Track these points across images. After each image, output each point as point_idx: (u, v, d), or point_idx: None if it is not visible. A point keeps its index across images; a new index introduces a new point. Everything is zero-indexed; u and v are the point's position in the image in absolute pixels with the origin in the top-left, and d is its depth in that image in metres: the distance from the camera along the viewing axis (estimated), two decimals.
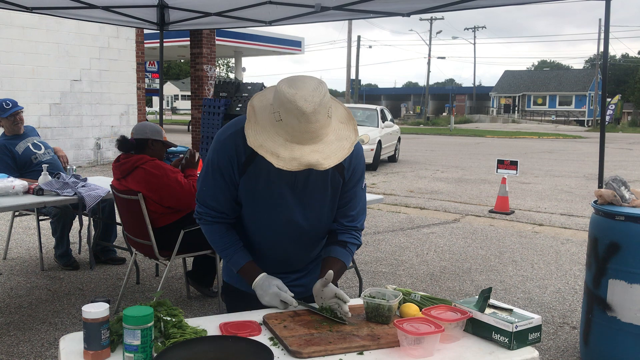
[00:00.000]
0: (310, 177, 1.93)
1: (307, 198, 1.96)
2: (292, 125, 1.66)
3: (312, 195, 1.96)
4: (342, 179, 1.98)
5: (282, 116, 1.67)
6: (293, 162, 1.65)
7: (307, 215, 1.98)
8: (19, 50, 11.63)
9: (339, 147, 1.73)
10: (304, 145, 1.67)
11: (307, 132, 1.66)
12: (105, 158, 13.37)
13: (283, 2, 4.92)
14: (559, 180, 12.18)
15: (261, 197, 1.93)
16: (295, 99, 1.65)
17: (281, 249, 2.04)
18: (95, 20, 5.71)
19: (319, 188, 1.96)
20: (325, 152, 1.69)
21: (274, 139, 1.69)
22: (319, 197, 1.97)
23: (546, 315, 4.22)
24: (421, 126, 42.06)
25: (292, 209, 1.95)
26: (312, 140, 1.68)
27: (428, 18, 49.60)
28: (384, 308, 1.77)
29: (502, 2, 4.47)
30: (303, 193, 1.95)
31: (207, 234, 2.03)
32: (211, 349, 1.50)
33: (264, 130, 1.71)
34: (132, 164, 3.83)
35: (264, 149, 1.68)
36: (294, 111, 1.65)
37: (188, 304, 4.30)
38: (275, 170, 1.79)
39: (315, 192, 1.96)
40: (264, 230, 2.01)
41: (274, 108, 1.70)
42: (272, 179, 1.90)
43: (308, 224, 2.00)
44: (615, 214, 3.10)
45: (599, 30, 41.27)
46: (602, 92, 4.31)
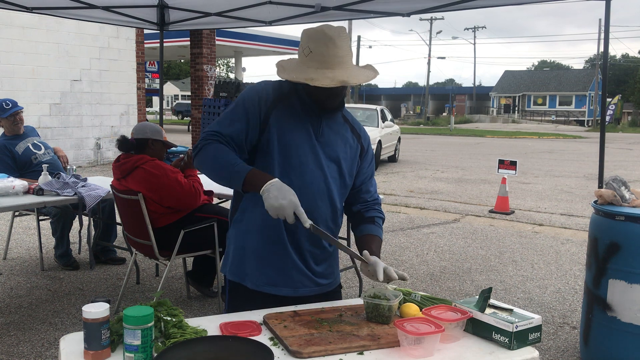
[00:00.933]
0: (331, 128, 2.02)
1: (327, 149, 2.00)
2: (321, 52, 1.85)
3: (331, 147, 2.01)
4: (361, 148, 2.10)
5: (311, 48, 1.87)
6: (326, 79, 1.81)
7: (329, 166, 1.99)
8: (19, 50, 11.63)
9: (364, 73, 1.93)
10: (334, 69, 1.85)
11: (335, 56, 1.85)
12: (105, 158, 13.37)
13: (283, 2, 4.92)
14: (559, 180, 12.18)
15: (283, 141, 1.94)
16: (322, 28, 1.89)
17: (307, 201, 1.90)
18: (95, 20, 5.71)
19: (337, 142, 2.02)
20: (352, 73, 1.88)
21: (305, 71, 1.86)
22: (339, 151, 2.02)
23: (546, 315, 4.22)
24: (421, 126, 42.06)
25: (316, 157, 1.97)
26: (340, 64, 1.86)
27: (428, 18, 49.64)
28: (384, 308, 1.76)
29: (502, 2, 4.47)
30: (324, 145, 1.99)
31: (206, 152, 1.88)
32: (211, 349, 1.50)
33: (294, 70, 1.89)
34: (133, 164, 3.83)
35: (298, 77, 1.85)
36: (322, 38, 1.86)
37: (188, 304, 4.30)
38: (301, 114, 1.96)
39: (337, 147, 2.02)
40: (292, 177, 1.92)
41: (302, 47, 1.90)
42: (295, 124, 1.96)
43: (330, 178, 1.99)
44: (615, 214, 3.10)
45: (599, 30, 41.27)
46: (602, 92, 4.31)
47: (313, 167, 1.96)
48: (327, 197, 2.00)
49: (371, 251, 1.99)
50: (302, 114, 1.98)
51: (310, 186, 1.95)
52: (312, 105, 1.97)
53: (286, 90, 2.00)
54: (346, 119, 2.10)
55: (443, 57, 57.66)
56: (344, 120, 2.09)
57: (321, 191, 1.97)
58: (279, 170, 1.93)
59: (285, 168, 1.93)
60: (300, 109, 1.98)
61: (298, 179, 1.92)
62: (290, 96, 1.99)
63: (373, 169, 2.18)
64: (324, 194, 1.98)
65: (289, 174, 1.92)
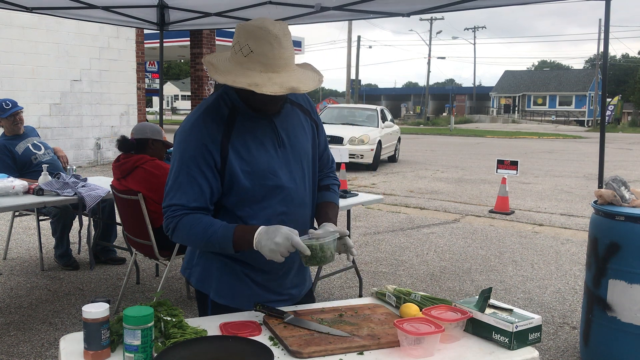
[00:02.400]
0: (292, 131, 1.88)
1: (296, 155, 1.88)
2: (265, 53, 1.65)
3: (300, 150, 1.89)
4: (315, 125, 1.99)
5: (252, 47, 1.66)
6: (274, 86, 1.63)
7: (300, 168, 1.89)
8: (19, 50, 11.63)
9: (310, 76, 1.75)
10: (279, 73, 1.66)
11: (280, 58, 1.67)
12: (105, 158, 13.37)
13: (283, 2, 4.93)
14: (559, 180, 12.18)
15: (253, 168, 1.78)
16: (265, 25, 1.67)
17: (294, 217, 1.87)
18: (95, 20, 5.71)
19: (298, 137, 1.90)
20: (300, 78, 1.70)
21: (246, 74, 1.65)
22: (303, 146, 1.91)
23: (546, 315, 4.22)
24: (421, 126, 42.06)
25: (284, 173, 1.84)
26: (285, 67, 1.68)
27: (428, 18, 49.63)
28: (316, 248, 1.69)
29: (502, 2, 4.47)
30: (290, 151, 1.86)
31: (180, 231, 1.77)
32: (211, 349, 1.50)
33: (231, 72, 1.68)
34: (133, 164, 3.83)
35: (239, 82, 1.64)
36: (266, 36, 1.65)
37: (188, 304, 4.30)
38: (257, 133, 1.80)
39: (303, 144, 1.90)
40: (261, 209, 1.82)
41: (240, 45, 1.69)
42: (257, 148, 1.79)
43: (305, 180, 1.91)
44: (615, 214, 3.10)
45: (599, 30, 41.27)
46: (602, 92, 4.31)
47: (287, 180, 1.84)
48: (308, 202, 1.94)
49: (327, 217, 1.95)
50: (256, 133, 1.80)
51: (292, 202, 1.87)
52: (260, 115, 1.81)
53: (225, 112, 1.79)
54: (292, 102, 1.92)
55: (443, 57, 57.69)
56: (291, 104, 1.92)
57: (301, 200, 1.90)
58: (256, 201, 1.81)
59: (262, 196, 1.81)
60: (251, 126, 1.79)
61: (278, 201, 1.83)
62: (234, 118, 1.79)
63: (325, 137, 2.06)
64: (305, 200, 1.92)
65: (268, 200, 1.82)
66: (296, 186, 1.87)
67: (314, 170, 1.99)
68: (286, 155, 1.86)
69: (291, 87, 1.64)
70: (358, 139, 13.07)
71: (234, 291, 1.91)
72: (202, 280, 1.95)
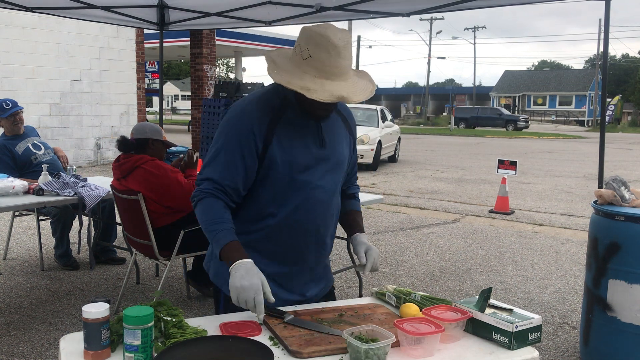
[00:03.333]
0: (334, 136, 1.92)
1: (335, 158, 1.92)
2: (322, 60, 1.69)
3: (340, 154, 1.94)
4: (352, 138, 2.04)
5: (311, 52, 1.70)
6: (325, 93, 1.66)
7: (335, 179, 1.93)
8: (19, 50, 11.63)
9: (364, 88, 1.77)
10: (333, 81, 1.70)
11: (337, 67, 1.70)
12: (105, 158, 13.37)
13: (283, 2, 4.92)
14: (559, 180, 12.18)
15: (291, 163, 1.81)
16: (327, 33, 1.70)
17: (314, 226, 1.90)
18: (95, 20, 5.71)
19: (344, 146, 1.97)
20: (352, 88, 1.72)
21: (301, 77, 1.70)
22: (345, 156, 1.97)
23: (546, 315, 4.22)
24: (421, 126, 42.04)
25: (322, 173, 1.88)
26: (340, 76, 1.71)
27: (428, 18, 49.61)
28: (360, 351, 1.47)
29: (502, 2, 4.47)
30: (330, 154, 1.90)
31: (199, 209, 1.81)
32: (211, 349, 1.50)
33: (288, 72, 1.72)
34: (132, 164, 3.83)
35: (293, 84, 1.68)
36: (325, 45, 1.68)
37: (188, 304, 4.30)
38: (300, 129, 1.84)
39: (342, 150, 1.96)
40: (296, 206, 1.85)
41: (300, 47, 1.73)
42: (299, 143, 1.83)
43: (336, 189, 1.96)
44: (615, 214, 3.10)
45: (599, 30, 41.26)
46: (602, 92, 4.31)
47: (320, 182, 1.87)
48: (333, 205, 1.96)
49: (357, 225, 2.04)
50: (301, 128, 1.85)
51: (320, 204, 1.89)
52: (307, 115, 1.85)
53: (277, 105, 1.84)
54: (337, 110, 1.99)
55: (443, 57, 57.70)
56: (336, 112, 1.98)
57: (327, 201, 1.92)
58: (284, 197, 1.84)
59: (291, 193, 1.84)
60: (298, 122, 1.84)
61: (305, 201, 1.86)
62: (284, 110, 1.84)
63: (356, 151, 2.11)
64: (330, 202, 1.94)
65: (297, 194, 1.84)
66: (325, 187, 1.90)
67: (341, 178, 2.02)
68: (325, 156, 1.90)
69: (341, 96, 1.67)
70: (358, 139, 13.05)
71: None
72: (217, 274, 1.98)
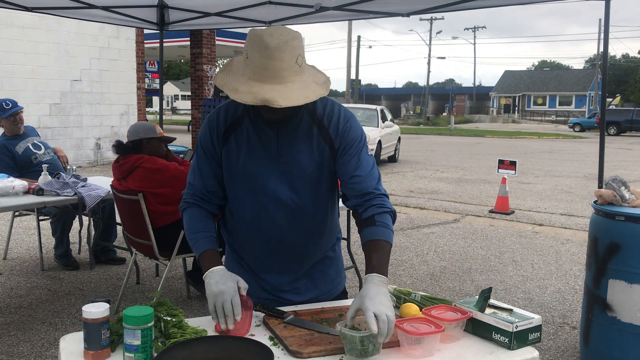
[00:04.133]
0: (294, 146, 1.82)
1: (293, 169, 1.82)
2: (254, 61, 1.64)
3: (298, 166, 1.82)
4: (332, 150, 1.82)
5: (248, 54, 1.67)
6: (248, 96, 1.60)
7: (297, 190, 1.83)
8: (19, 50, 11.63)
9: (301, 95, 1.63)
10: (264, 83, 1.62)
11: (267, 69, 1.62)
12: (105, 158, 13.37)
13: (283, 2, 4.92)
14: (559, 180, 12.18)
15: (243, 171, 1.84)
16: (261, 33, 1.65)
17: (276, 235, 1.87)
18: (95, 20, 5.71)
19: (305, 158, 1.82)
20: (284, 92, 1.61)
21: (237, 78, 1.67)
22: (308, 169, 1.83)
23: (546, 315, 4.22)
24: (421, 126, 42.04)
25: (276, 184, 1.82)
26: (274, 79, 1.62)
27: (428, 18, 49.63)
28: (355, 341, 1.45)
29: (502, 2, 4.47)
30: (287, 164, 1.82)
31: (184, 219, 1.91)
32: (211, 349, 1.50)
33: (231, 73, 1.71)
34: (132, 164, 3.83)
35: (227, 86, 1.67)
36: (258, 45, 1.63)
37: (188, 304, 4.30)
38: (255, 138, 1.82)
39: (302, 162, 1.82)
40: (253, 215, 1.87)
41: (244, 50, 1.71)
42: (254, 148, 1.83)
43: (300, 202, 1.84)
44: (615, 214, 3.10)
45: (599, 30, 41.26)
46: (602, 92, 4.31)
47: (276, 194, 1.83)
48: (311, 225, 1.90)
49: (370, 263, 1.67)
50: (257, 136, 1.82)
51: (280, 217, 1.86)
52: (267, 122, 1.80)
53: (239, 112, 1.85)
54: (315, 118, 1.83)
55: (443, 57, 57.74)
56: (311, 120, 1.83)
57: (293, 219, 1.87)
58: (243, 205, 1.87)
59: (249, 201, 1.86)
60: (256, 130, 1.82)
61: (262, 210, 1.86)
62: (243, 118, 1.84)
63: (362, 158, 1.83)
64: (301, 221, 1.88)
65: (255, 207, 1.85)
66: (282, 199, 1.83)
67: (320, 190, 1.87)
68: (282, 166, 1.82)
69: (264, 99, 1.58)
70: None
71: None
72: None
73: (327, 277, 2.03)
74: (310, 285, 2.00)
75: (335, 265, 2.07)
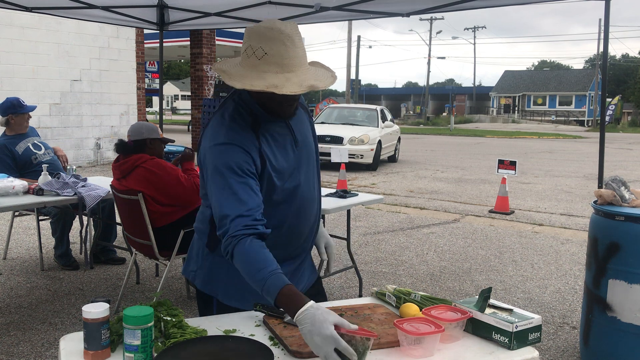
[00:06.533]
0: (302, 132, 1.90)
1: (309, 156, 1.92)
2: (280, 53, 1.63)
3: (310, 150, 1.92)
4: (312, 122, 2.01)
5: (265, 49, 1.64)
6: (293, 86, 1.61)
7: (312, 169, 1.94)
8: (19, 50, 11.63)
9: (323, 74, 1.73)
10: (295, 72, 1.65)
11: (295, 57, 1.65)
12: (105, 158, 13.37)
13: (283, 2, 4.93)
14: (559, 180, 12.18)
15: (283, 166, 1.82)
16: (276, 25, 1.65)
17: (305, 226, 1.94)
18: (95, 20, 5.71)
19: (310, 141, 1.95)
20: (316, 75, 1.68)
21: (262, 77, 1.63)
22: (312, 145, 1.95)
23: (546, 315, 4.22)
24: (421, 126, 42.06)
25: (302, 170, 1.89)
26: (300, 66, 1.67)
27: (428, 18, 49.64)
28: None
29: (502, 2, 4.47)
30: (302, 152, 1.90)
31: (237, 259, 1.63)
32: (211, 349, 1.50)
33: (247, 76, 1.65)
34: (132, 164, 3.83)
35: (258, 86, 1.62)
36: (279, 37, 1.63)
37: (188, 304, 4.30)
38: (279, 138, 1.82)
39: (310, 145, 1.93)
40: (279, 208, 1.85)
41: (252, 48, 1.66)
42: (283, 151, 1.83)
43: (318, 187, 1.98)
44: (615, 214, 3.10)
45: (599, 30, 41.27)
46: (602, 92, 4.31)
47: (303, 179, 1.89)
48: (317, 198, 1.99)
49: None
50: (278, 135, 1.83)
51: (306, 199, 1.90)
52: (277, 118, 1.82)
53: (249, 121, 1.78)
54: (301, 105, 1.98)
55: (443, 57, 57.75)
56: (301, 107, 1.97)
57: (312, 196, 1.93)
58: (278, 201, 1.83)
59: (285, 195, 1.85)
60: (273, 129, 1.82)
61: (297, 199, 1.87)
62: (258, 125, 1.80)
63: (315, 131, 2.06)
64: (314, 196, 1.95)
65: (289, 199, 1.86)
66: (308, 184, 1.92)
67: (318, 167, 2.03)
68: (301, 154, 1.89)
69: (310, 85, 1.64)
70: (358, 139, 13.07)
71: (243, 292, 1.87)
72: (208, 282, 1.96)
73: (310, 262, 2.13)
74: (307, 272, 2.07)
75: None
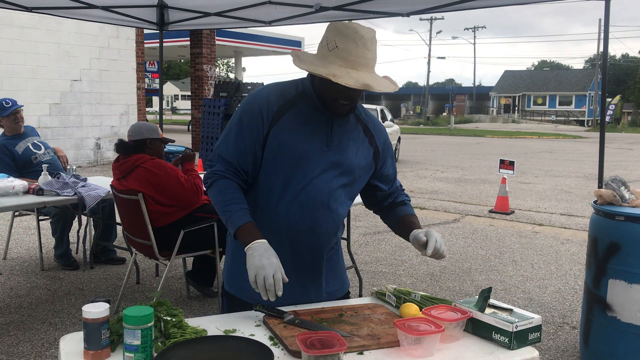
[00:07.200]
0: (344, 140, 1.89)
1: (342, 160, 1.89)
2: (349, 50, 1.73)
3: (346, 157, 1.90)
4: (375, 150, 1.99)
5: (337, 43, 1.74)
6: (351, 79, 1.69)
7: (338, 175, 1.89)
8: (19, 50, 11.63)
9: (387, 82, 1.81)
10: (357, 70, 1.73)
11: (362, 57, 1.74)
12: (105, 158, 13.37)
13: (283, 2, 4.93)
14: (559, 180, 12.18)
15: (288, 154, 1.83)
16: (355, 26, 1.76)
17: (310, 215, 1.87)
18: (95, 20, 5.72)
19: (349, 147, 1.91)
20: (376, 80, 1.76)
21: (327, 66, 1.74)
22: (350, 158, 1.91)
23: (546, 315, 4.22)
24: (421, 126, 42.05)
25: (324, 168, 1.86)
26: (365, 68, 1.75)
27: (428, 18, 49.63)
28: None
29: (502, 2, 4.47)
30: (336, 155, 1.87)
31: (213, 190, 1.84)
32: (211, 349, 1.50)
33: (313, 63, 1.77)
34: (132, 164, 3.83)
35: (319, 71, 1.72)
36: (353, 35, 1.73)
37: (188, 304, 4.30)
38: (310, 124, 1.85)
39: (350, 155, 1.91)
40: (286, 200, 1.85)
41: (327, 40, 1.77)
42: (304, 134, 1.84)
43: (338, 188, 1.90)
44: (615, 214, 3.10)
45: (599, 30, 41.26)
46: (602, 92, 4.31)
47: (319, 179, 1.86)
48: (330, 209, 1.91)
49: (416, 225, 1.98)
50: (311, 121, 1.86)
51: (315, 200, 1.87)
52: (323, 110, 1.85)
53: (291, 95, 1.87)
54: (359, 118, 1.97)
55: (443, 57, 57.69)
56: (356, 119, 1.95)
57: (324, 203, 1.89)
58: (283, 187, 1.85)
59: (290, 184, 1.85)
60: (309, 115, 1.86)
61: (303, 194, 1.85)
62: (297, 102, 1.86)
63: (394, 165, 2.09)
64: (328, 206, 1.90)
65: (294, 189, 1.85)
66: (323, 185, 1.87)
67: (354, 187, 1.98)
68: (330, 156, 1.88)
69: (366, 83, 1.70)
70: None
71: (242, 281, 1.85)
72: (225, 270, 2.04)
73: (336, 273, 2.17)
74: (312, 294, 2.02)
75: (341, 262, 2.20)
